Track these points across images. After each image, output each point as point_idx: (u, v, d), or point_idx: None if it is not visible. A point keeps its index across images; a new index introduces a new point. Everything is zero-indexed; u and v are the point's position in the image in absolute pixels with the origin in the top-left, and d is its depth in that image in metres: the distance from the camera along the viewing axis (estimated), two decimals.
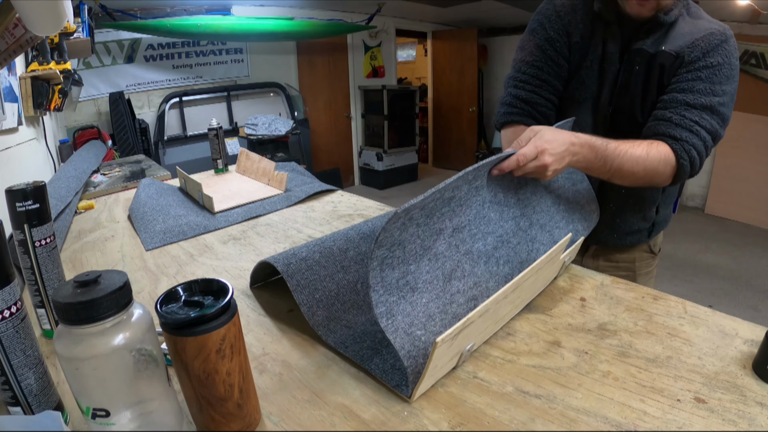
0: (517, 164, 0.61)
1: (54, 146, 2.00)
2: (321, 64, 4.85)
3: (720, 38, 0.77)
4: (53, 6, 0.62)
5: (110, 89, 3.42)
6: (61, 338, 0.34)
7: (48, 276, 0.55)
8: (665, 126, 0.77)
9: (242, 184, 1.36)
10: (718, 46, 0.76)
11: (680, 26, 0.81)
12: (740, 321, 0.55)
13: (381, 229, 0.42)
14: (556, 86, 0.89)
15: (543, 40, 0.87)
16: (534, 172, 0.64)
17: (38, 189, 0.52)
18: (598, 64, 0.85)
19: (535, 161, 0.63)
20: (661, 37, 0.81)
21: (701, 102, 0.76)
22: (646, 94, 0.82)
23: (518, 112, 0.90)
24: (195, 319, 0.37)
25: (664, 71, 0.80)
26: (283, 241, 0.91)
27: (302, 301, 0.59)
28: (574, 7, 0.87)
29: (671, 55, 0.79)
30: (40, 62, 1.50)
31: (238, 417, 0.41)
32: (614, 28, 0.83)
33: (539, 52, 0.88)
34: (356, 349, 0.53)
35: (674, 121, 0.76)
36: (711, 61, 0.76)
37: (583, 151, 0.69)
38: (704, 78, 0.76)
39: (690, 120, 0.76)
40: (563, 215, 0.72)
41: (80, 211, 1.21)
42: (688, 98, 0.76)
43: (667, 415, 0.42)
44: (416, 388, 0.44)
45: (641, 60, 0.81)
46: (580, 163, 0.70)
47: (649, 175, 0.75)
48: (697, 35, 0.78)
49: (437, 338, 0.40)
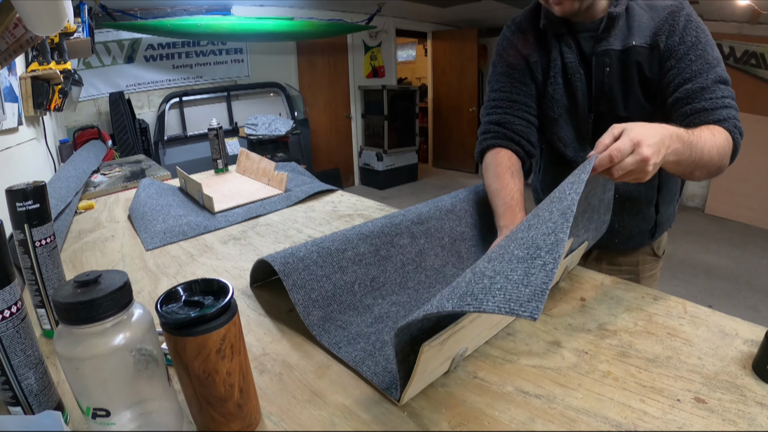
0: (611, 161, 0.54)
1: (54, 146, 2.00)
2: (321, 64, 4.85)
3: (683, 14, 0.76)
4: (53, 6, 0.62)
5: (110, 89, 3.42)
6: (62, 338, 0.34)
7: (48, 276, 0.55)
8: (704, 115, 0.74)
9: (242, 184, 1.36)
10: (686, 22, 0.76)
11: (638, 15, 0.80)
12: (740, 321, 0.55)
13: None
14: (528, 104, 0.88)
15: (505, 67, 0.89)
16: (633, 169, 0.55)
17: (38, 189, 0.52)
18: (561, 77, 0.86)
19: (633, 155, 0.54)
20: (624, 31, 0.80)
21: (711, 78, 0.75)
22: (628, 91, 0.82)
23: (494, 135, 0.89)
24: (195, 319, 0.37)
25: (642, 65, 0.79)
26: (283, 241, 0.91)
27: (298, 301, 0.59)
28: (522, 30, 0.89)
29: (645, 48, 0.78)
30: (40, 62, 1.50)
31: (238, 417, 0.41)
32: (567, 39, 0.83)
33: (504, 78, 0.89)
34: (349, 351, 0.53)
35: (708, 107, 0.74)
36: (689, 39, 0.76)
37: (674, 141, 0.61)
38: (695, 58, 0.75)
39: (717, 98, 0.74)
40: (584, 223, 0.70)
41: (80, 211, 1.21)
42: (700, 83, 0.75)
43: (667, 415, 0.42)
44: (404, 392, 0.44)
45: (611, 60, 0.80)
46: (672, 156, 0.62)
47: (721, 157, 0.70)
48: (658, 18, 0.78)
49: (423, 344, 0.40)
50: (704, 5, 3.76)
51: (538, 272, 0.37)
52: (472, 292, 0.38)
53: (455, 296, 0.39)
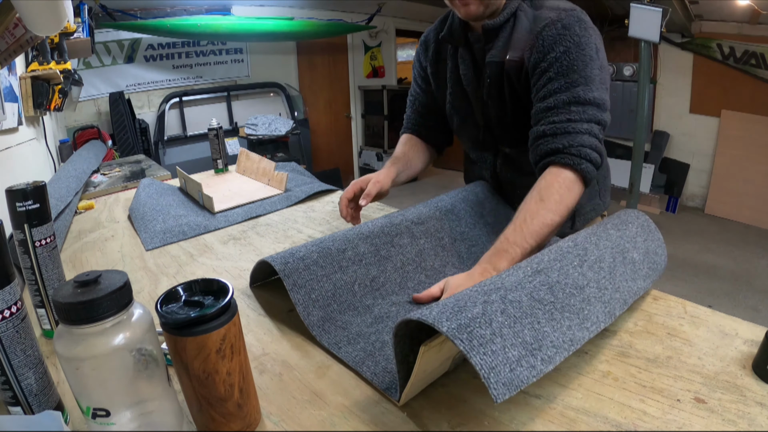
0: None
1: (54, 146, 2.00)
2: (321, 64, 4.85)
3: (557, 28, 0.72)
4: (53, 6, 0.62)
5: (110, 89, 3.42)
6: (61, 338, 0.34)
7: (48, 276, 0.55)
8: (543, 143, 0.73)
9: (242, 184, 1.36)
10: (558, 36, 0.71)
11: (521, 26, 0.77)
12: (740, 321, 0.55)
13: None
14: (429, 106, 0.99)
15: (416, 71, 0.99)
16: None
17: (38, 189, 0.52)
18: (458, 87, 0.89)
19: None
20: (505, 43, 0.78)
21: (563, 99, 0.71)
22: (503, 102, 0.83)
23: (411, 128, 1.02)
24: (195, 319, 0.37)
25: (512, 79, 0.79)
26: (283, 241, 0.91)
27: (298, 301, 0.59)
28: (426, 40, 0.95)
29: (514, 62, 0.77)
30: (40, 62, 1.50)
31: (238, 417, 0.41)
32: (462, 51, 0.85)
33: (414, 83, 1.00)
34: (349, 351, 0.53)
35: (548, 133, 0.72)
36: (554, 55, 0.71)
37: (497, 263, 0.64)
38: (554, 75, 0.71)
39: (560, 122, 0.71)
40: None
41: (80, 211, 1.21)
42: (549, 103, 0.72)
43: (667, 415, 0.41)
44: (404, 393, 0.43)
45: (491, 72, 0.80)
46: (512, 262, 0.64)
47: (563, 209, 0.69)
48: (535, 32, 0.74)
49: (422, 344, 0.40)
50: (704, 5, 3.76)
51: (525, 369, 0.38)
52: (470, 331, 0.38)
53: (455, 320, 0.39)
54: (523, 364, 0.38)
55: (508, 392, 0.36)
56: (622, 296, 0.52)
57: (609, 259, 0.54)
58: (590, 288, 0.49)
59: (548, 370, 0.40)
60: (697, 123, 4.22)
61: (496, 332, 0.39)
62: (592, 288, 0.49)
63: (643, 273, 0.58)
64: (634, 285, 0.55)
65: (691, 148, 4.31)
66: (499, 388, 0.36)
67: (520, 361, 0.38)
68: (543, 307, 0.44)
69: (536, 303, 0.44)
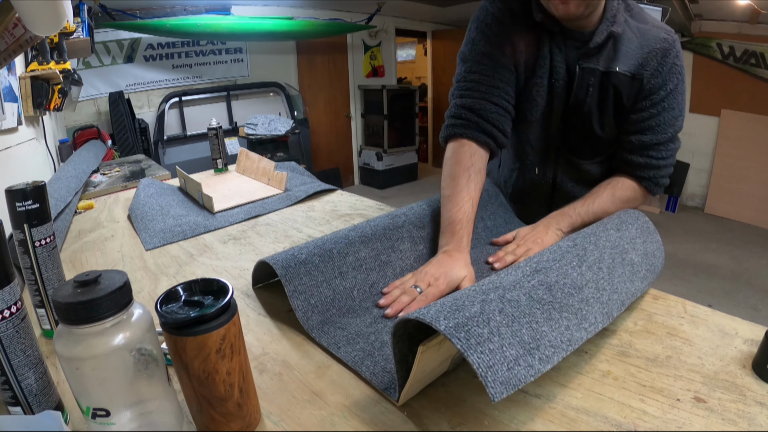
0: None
1: (54, 146, 2.00)
2: (321, 64, 4.85)
3: (672, 53, 0.74)
4: (53, 6, 0.62)
5: (110, 89, 3.42)
6: (61, 338, 0.34)
7: (48, 276, 0.55)
8: (633, 169, 0.81)
9: (242, 183, 1.36)
10: (673, 65, 0.74)
11: (627, 39, 0.75)
12: (740, 321, 0.55)
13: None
14: (508, 92, 0.80)
15: (488, 47, 0.79)
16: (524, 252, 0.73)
17: (38, 189, 0.52)
18: (547, 79, 0.80)
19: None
20: (610, 53, 0.75)
21: (667, 135, 0.77)
22: (603, 113, 0.80)
23: (463, 123, 0.79)
24: (195, 319, 0.36)
25: (620, 93, 0.76)
26: (282, 241, 0.91)
27: (297, 307, 0.59)
28: (512, 13, 0.78)
29: (626, 77, 0.75)
30: (39, 62, 1.50)
31: (238, 417, 0.41)
32: (559, 40, 0.78)
33: (485, 59, 0.79)
34: (348, 351, 0.53)
35: (642, 165, 0.80)
36: (669, 86, 0.74)
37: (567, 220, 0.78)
38: (667, 107, 0.75)
39: (657, 159, 0.79)
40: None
41: (80, 211, 1.21)
42: (653, 139, 0.78)
43: (666, 415, 0.42)
44: (403, 392, 0.43)
45: (595, 80, 0.77)
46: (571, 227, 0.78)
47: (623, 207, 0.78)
48: (648, 48, 0.74)
49: (421, 344, 0.40)
50: (704, 5, 3.76)
51: (523, 368, 0.38)
52: (468, 330, 0.38)
53: (452, 319, 0.39)
54: (521, 363, 0.38)
55: (506, 391, 0.36)
56: (620, 297, 0.53)
57: (608, 260, 0.54)
58: (589, 288, 0.49)
59: (546, 370, 0.40)
60: (697, 122, 4.22)
61: (494, 331, 0.39)
62: (590, 288, 0.49)
63: (641, 275, 0.58)
64: (632, 286, 0.55)
65: (691, 148, 4.30)
66: (497, 386, 0.36)
67: (518, 360, 0.38)
68: (541, 306, 0.44)
69: (534, 302, 0.44)
